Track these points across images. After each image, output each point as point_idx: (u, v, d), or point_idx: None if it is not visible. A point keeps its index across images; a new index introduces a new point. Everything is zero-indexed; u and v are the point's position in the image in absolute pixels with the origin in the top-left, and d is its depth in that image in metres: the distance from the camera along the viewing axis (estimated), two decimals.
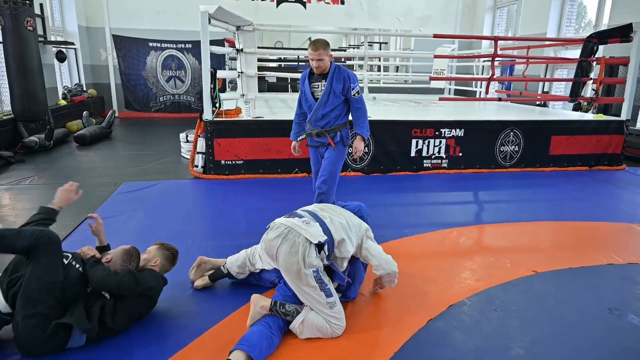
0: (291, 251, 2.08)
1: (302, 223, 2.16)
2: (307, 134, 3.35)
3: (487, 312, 2.44)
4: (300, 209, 2.38)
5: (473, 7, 11.36)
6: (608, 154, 5.93)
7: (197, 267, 2.64)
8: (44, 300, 1.96)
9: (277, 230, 2.16)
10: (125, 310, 2.13)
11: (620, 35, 5.73)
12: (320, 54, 3.04)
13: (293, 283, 2.12)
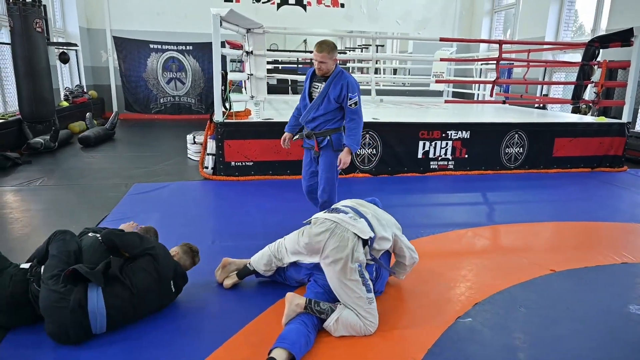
0: (340, 246, 2.14)
1: (349, 219, 2.22)
2: (300, 135, 3.34)
3: (512, 310, 2.50)
4: (340, 204, 2.44)
5: (471, 10, 11.50)
6: (610, 156, 6.05)
7: (222, 268, 2.67)
8: (56, 265, 2.09)
9: (322, 225, 2.22)
10: (132, 270, 2.17)
11: (621, 40, 5.86)
12: (323, 57, 2.97)
13: (336, 277, 2.17)
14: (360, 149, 5.34)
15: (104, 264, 2.11)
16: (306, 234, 2.31)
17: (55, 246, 2.17)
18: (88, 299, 2.01)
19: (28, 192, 4.59)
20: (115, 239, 2.25)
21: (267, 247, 2.61)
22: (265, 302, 2.49)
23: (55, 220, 3.77)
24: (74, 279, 2.03)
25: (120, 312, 2.10)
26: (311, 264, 2.38)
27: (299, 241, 2.35)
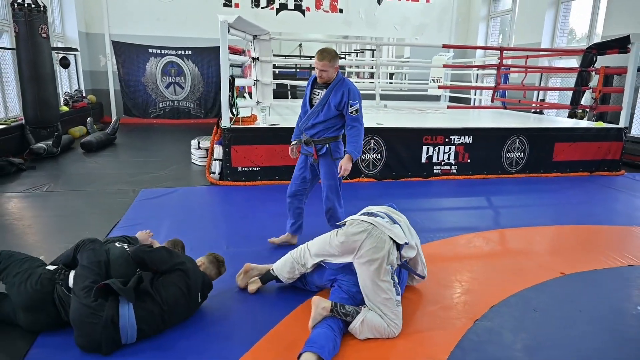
0: (377, 247, 2.22)
1: (386, 223, 2.29)
2: (299, 141, 3.30)
3: (527, 313, 2.56)
4: (375, 209, 2.51)
5: (467, 16, 11.66)
6: (608, 160, 6.18)
7: (245, 273, 2.71)
8: (88, 277, 2.11)
9: (359, 226, 2.30)
10: (163, 285, 2.21)
11: (618, 47, 6.00)
12: (324, 65, 2.95)
13: (370, 277, 2.23)
14: (365, 154, 5.43)
15: (135, 279, 2.13)
16: (342, 233, 2.37)
17: (85, 255, 2.20)
18: (120, 314, 2.04)
19: (36, 198, 4.58)
20: (144, 256, 2.26)
21: (289, 253, 2.66)
22: (287, 307, 2.53)
23: (67, 226, 3.79)
24: (105, 293, 2.05)
25: (150, 326, 2.15)
26: (337, 267, 2.43)
27: (332, 241, 2.41)
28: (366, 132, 5.37)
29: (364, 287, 2.27)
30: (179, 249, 2.59)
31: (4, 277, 2.20)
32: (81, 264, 2.17)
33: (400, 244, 2.32)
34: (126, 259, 2.29)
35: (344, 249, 2.36)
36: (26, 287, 2.12)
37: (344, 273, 2.42)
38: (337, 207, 3.32)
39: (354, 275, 2.38)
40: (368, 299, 2.26)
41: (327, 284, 2.56)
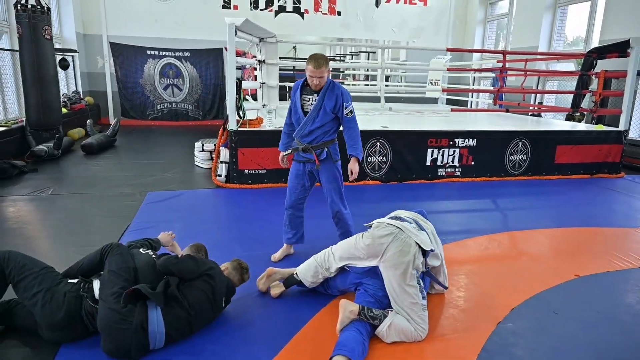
0: (403, 250, 2.24)
1: (413, 228, 2.30)
2: (294, 149, 3.18)
3: (547, 315, 2.59)
4: (403, 214, 2.52)
5: (464, 19, 11.75)
6: (608, 163, 6.27)
7: (267, 277, 2.71)
8: (117, 283, 2.10)
9: (386, 229, 2.30)
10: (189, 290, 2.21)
11: (618, 51, 6.09)
12: (322, 72, 2.89)
13: (396, 282, 2.24)
14: (370, 157, 5.45)
15: (163, 284, 2.13)
16: (368, 235, 2.38)
17: (113, 261, 2.18)
18: (149, 320, 2.03)
19: (42, 201, 4.53)
20: (173, 269, 2.24)
21: (312, 258, 2.66)
22: (311, 311, 2.54)
23: (77, 229, 3.75)
24: (134, 299, 2.04)
25: (178, 331, 2.14)
26: (362, 271, 2.44)
27: (358, 244, 2.41)
28: (372, 134, 5.45)
29: (390, 291, 2.28)
30: (203, 254, 2.58)
31: (20, 290, 2.14)
32: (109, 269, 2.15)
33: (426, 250, 2.33)
34: (153, 266, 2.28)
35: (369, 252, 2.37)
36: (52, 308, 2.07)
37: (369, 277, 2.43)
38: (343, 209, 3.28)
39: (380, 279, 2.39)
40: (395, 302, 2.27)
41: (351, 287, 2.56)
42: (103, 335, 2.03)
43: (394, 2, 11.20)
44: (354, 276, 2.51)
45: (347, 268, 2.54)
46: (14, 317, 2.23)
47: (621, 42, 6.02)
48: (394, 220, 2.40)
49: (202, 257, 2.49)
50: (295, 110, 3.13)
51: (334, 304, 2.63)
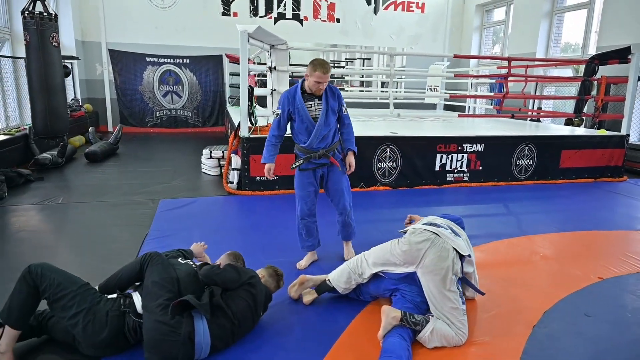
0: (441, 256, 2.25)
1: (449, 234, 2.31)
2: (306, 158, 3.12)
3: (579, 317, 2.62)
4: (438, 220, 2.52)
5: (460, 26, 11.90)
6: (611, 167, 6.37)
7: (300, 285, 2.70)
8: (161, 294, 2.06)
9: (423, 235, 2.32)
10: (232, 299, 2.20)
11: (619, 57, 6.22)
12: (328, 77, 2.94)
13: (436, 287, 2.25)
14: (381, 163, 5.48)
15: (208, 294, 2.12)
16: (405, 241, 2.39)
17: (155, 271, 2.15)
18: (195, 330, 2.02)
19: (54, 210, 4.47)
20: (216, 278, 2.24)
21: (345, 264, 2.67)
22: (347, 317, 2.54)
23: (96, 238, 3.71)
24: (181, 310, 2.02)
25: (222, 341, 2.13)
26: (398, 277, 2.45)
27: (394, 250, 2.42)
28: (382, 140, 5.48)
29: (430, 296, 2.29)
30: (241, 263, 2.57)
31: (58, 310, 2.07)
32: (152, 280, 2.12)
33: (464, 255, 2.34)
34: (194, 276, 2.26)
35: (406, 258, 2.38)
36: (94, 328, 2.03)
37: (406, 283, 2.44)
38: (351, 208, 3.35)
39: (417, 285, 2.40)
40: (435, 308, 2.28)
41: (385, 293, 2.56)
42: (148, 347, 2.00)
43: (392, 9, 11.33)
44: (390, 282, 2.51)
45: (381, 274, 2.54)
46: (49, 330, 2.19)
47: (622, 49, 6.15)
48: (429, 226, 2.41)
49: (242, 266, 2.47)
50: (301, 119, 3.06)
51: (369, 310, 2.64)
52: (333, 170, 3.22)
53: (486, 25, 11.46)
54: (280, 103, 3.12)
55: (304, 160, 3.14)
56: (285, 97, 3.10)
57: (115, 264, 3.16)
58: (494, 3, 10.92)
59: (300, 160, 3.16)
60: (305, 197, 3.24)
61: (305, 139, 3.10)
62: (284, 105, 3.09)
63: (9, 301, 2.03)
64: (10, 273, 3.00)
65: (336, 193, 3.27)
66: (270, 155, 3.20)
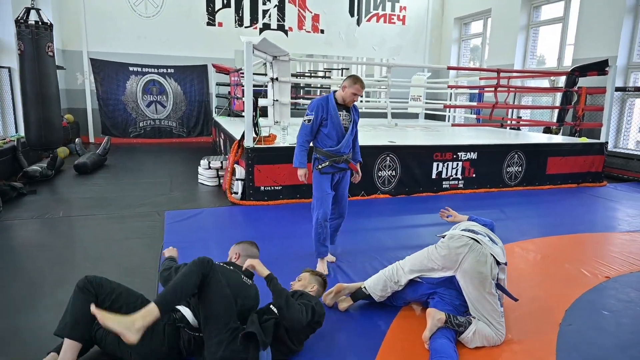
0: (480, 261, 2.35)
1: (488, 241, 2.42)
2: (332, 161, 3.30)
3: (599, 315, 2.79)
4: (476, 228, 2.64)
5: (439, 39, 12.30)
6: (592, 172, 6.74)
7: (336, 293, 2.75)
8: (229, 316, 2.05)
9: (461, 240, 2.43)
10: (298, 336, 2.22)
11: (597, 69, 6.61)
12: (363, 91, 3.29)
13: (476, 290, 2.36)
14: (381, 171, 5.62)
15: (272, 325, 2.12)
16: (444, 246, 2.49)
17: (214, 290, 2.07)
18: (259, 356, 2.03)
19: (58, 223, 4.37)
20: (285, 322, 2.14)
21: (380, 272, 2.75)
22: (385, 322, 2.62)
23: (112, 251, 3.65)
24: (247, 339, 2.02)
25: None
26: (436, 282, 2.55)
27: (432, 255, 2.52)
28: (382, 149, 5.61)
29: (471, 298, 2.40)
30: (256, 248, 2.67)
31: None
32: (213, 299, 2.06)
33: (501, 262, 2.47)
34: (250, 292, 2.28)
35: (445, 262, 2.49)
36: (153, 345, 2.02)
37: (444, 287, 2.54)
38: None
39: (455, 288, 2.50)
40: (476, 310, 2.39)
41: (422, 297, 2.65)
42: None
43: (374, 21, 11.61)
44: (427, 287, 2.60)
45: (418, 280, 2.63)
46: (99, 342, 2.16)
47: (600, 62, 6.55)
48: (468, 232, 2.52)
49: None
50: (333, 125, 3.27)
51: (404, 314, 2.73)
52: (346, 176, 3.49)
53: (464, 38, 11.89)
54: (313, 110, 3.27)
55: (330, 163, 3.32)
56: (319, 104, 3.26)
57: (141, 277, 3.17)
58: (472, 16, 11.36)
59: (326, 163, 3.32)
60: (326, 199, 3.38)
61: (334, 143, 3.30)
62: (318, 111, 3.25)
63: (69, 315, 1.99)
64: (34, 289, 2.94)
65: (342, 198, 3.52)
66: (303, 161, 3.38)
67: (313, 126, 3.28)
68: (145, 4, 9.97)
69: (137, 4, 9.92)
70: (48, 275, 3.16)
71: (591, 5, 7.79)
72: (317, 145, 3.36)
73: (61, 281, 3.03)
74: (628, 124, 7.53)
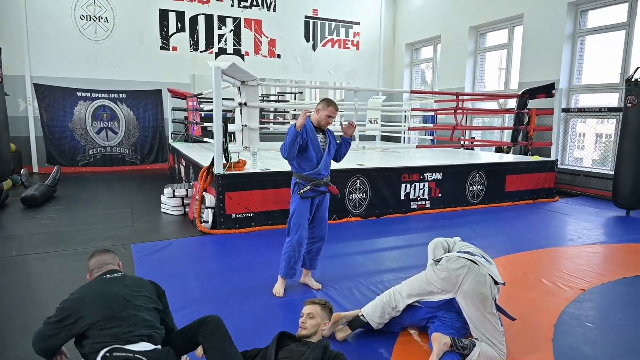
0: (480, 281, 2.39)
1: (485, 262, 2.44)
2: (313, 185, 3.33)
3: (585, 328, 2.89)
4: (471, 249, 2.66)
5: (392, 63, 12.73)
6: (545, 189, 7.12)
7: (333, 323, 2.67)
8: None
9: (459, 262, 2.46)
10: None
11: (545, 92, 7.08)
12: (337, 113, 3.40)
13: (477, 310, 2.37)
14: (352, 194, 5.63)
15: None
16: (443, 269, 2.49)
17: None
18: None
19: (13, 263, 3.98)
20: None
21: (377, 298, 2.71)
22: (387, 349, 2.57)
23: None
24: None
25: None
26: (436, 305, 2.53)
27: (431, 278, 2.52)
28: (353, 172, 5.64)
29: (472, 319, 2.41)
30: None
31: None
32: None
33: (499, 282, 2.50)
34: None
35: (445, 285, 2.49)
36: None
37: (444, 310, 2.53)
38: None
39: (455, 310, 2.50)
40: (478, 331, 2.40)
41: (422, 322, 2.63)
42: None
43: (330, 46, 11.85)
44: (426, 311, 2.59)
45: (416, 304, 2.61)
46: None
47: (547, 85, 7.02)
48: (464, 254, 2.55)
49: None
50: (314, 148, 3.33)
51: (403, 340, 2.69)
52: (325, 200, 3.50)
53: (415, 62, 12.39)
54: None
55: (312, 186, 3.34)
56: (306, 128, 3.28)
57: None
58: (422, 42, 11.88)
59: (307, 187, 3.34)
60: (303, 224, 3.40)
61: (313, 165, 3.33)
62: (303, 135, 3.28)
63: None
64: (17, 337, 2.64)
65: (322, 221, 3.52)
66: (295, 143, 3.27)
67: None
68: (95, 27, 9.60)
69: (85, 27, 9.53)
70: (12, 323, 2.85)
71: (533, 33, 8.39)
72: (297, 170, 3.38)
73: (27, 328, 2.73)
74: (572, 142, 8.08)
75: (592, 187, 7.41)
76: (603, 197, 7.16)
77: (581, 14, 7.76)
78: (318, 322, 2.39)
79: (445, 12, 10.65)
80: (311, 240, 3.50)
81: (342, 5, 11.85)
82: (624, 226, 5.74)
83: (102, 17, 9.64)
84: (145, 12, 9.97)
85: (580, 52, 7.84)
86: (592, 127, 7.70)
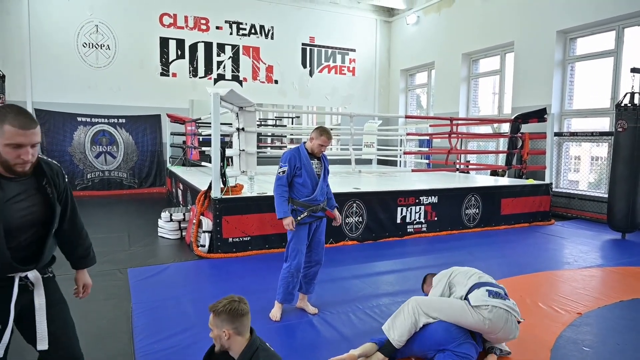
0: (512, 328, 2.64)
1: (513, 304, 2.63)
2: (310, 210, 3.37)
3: (582, 352, 2.89)
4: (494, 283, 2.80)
5: (387, 89, 12.96)
6: (541, 212, 7.17)
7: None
8: None
9: (498, 313, 2.58)
10: None
11: (537, 117, 7.21)
12: (331, 141, 3.45)
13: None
14: (348, 218, 5.67)
15: None
16: (486, 319, 2.56)
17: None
18: None
19: None
20: None
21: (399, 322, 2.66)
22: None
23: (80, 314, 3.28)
24: None
25: None
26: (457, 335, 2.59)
27: (467, 317, 2.59)
28: (349, 196, 5.69)
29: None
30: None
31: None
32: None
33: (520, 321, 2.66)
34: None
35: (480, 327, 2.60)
36: None
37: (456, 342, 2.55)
38: None
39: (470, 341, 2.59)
40: None
41: (430, 353, 2.60)
42: None
43: (326, 72, 12.08)
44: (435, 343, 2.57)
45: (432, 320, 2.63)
46: None
47: (539, 110, 7.16)
48: (499, 301, 2.61)
49: None
50: (307, 174, 3.39)
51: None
52: (322, 224, 3.54)
53: (410, 88, 12.61)
54: (286, 161, 3.36)
55: (308, 212, 3.38)
56: (292, 155, 3.37)
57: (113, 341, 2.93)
58: (417, 68, 12.13)
59: (304, 213, 3.37)
60: (301, 251, 3.42)
61: (309, 192, 3.38)
62: (291, 162, 3.35)
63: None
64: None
65: (318, 245, 3.54)
66: (287, 209, 3.37)
67: (288, 177, 3.37)
68: (97, 54, 9.79)
69: (87, 54, 9.71)
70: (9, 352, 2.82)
71: (524, 60, 8.60)
72: (293, 197, 3.41)
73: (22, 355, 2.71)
74: (566, 165, 8.18)
75: (588, 210, 7.47)
76: (598, 220, 7.21)
77: (570, 42, 7.98)
78: (215, 334, 1.98)
79: (439, 39, 10.92)
80: (308, 264, 3.52)
81: (338, 32, 12.14)
82: (620, 249, 5.77)
83: (104, 44, 9.84)
84: (147, 40, 10.19)
85: (570, 77, 8.02)
86: (587, 151, 7.81)
